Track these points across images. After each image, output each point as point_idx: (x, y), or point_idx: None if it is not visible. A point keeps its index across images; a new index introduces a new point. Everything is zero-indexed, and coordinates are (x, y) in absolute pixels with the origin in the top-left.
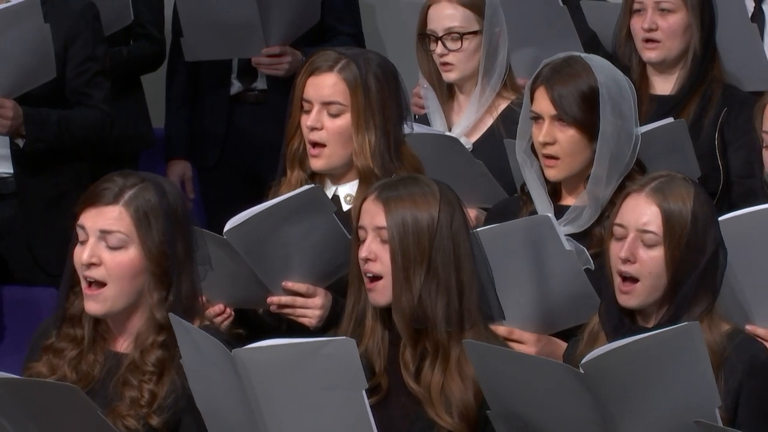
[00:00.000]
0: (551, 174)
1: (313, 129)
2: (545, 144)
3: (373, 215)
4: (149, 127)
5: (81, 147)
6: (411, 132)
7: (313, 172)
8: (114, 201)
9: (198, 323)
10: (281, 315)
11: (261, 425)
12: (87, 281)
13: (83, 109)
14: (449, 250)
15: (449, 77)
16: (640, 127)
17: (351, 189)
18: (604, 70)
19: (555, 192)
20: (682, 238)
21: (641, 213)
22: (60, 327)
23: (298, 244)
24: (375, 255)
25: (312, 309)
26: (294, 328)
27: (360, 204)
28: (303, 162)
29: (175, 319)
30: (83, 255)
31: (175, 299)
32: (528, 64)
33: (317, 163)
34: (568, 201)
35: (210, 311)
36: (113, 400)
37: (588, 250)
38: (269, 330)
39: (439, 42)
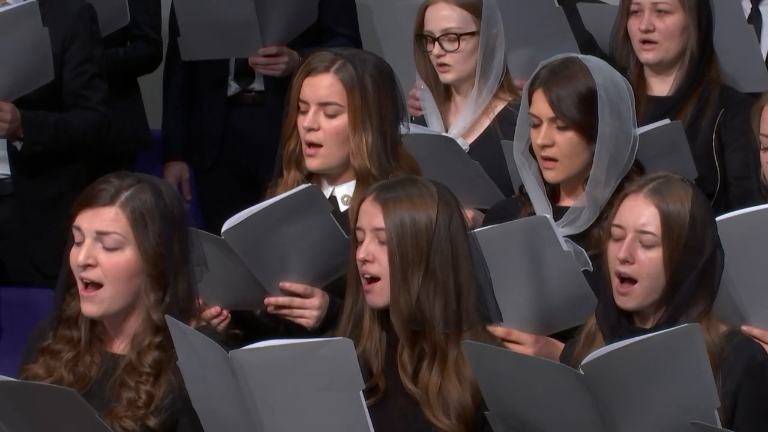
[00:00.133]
0: (550, 176)
1: (310, 130)
2: (544, 146)
3: (372, 216)
4: (146, 129)
5: (78, 149)
6: (407, 132)
7: (310, 173)
8: (110, 202)
9: (194, 324)
10: (279, 316)
11: (258, 426)
12: (83, 282)
13: (81, 111)
14: (447, 251)
15: (446, 78)
16: (637, 128)
17: (348, 190)
18: (601, 71)
19: (553, 193)
20: (680, 239)
21: (639, 214)
22: (56, 328)
23: (295, 244)
24: (373, 256)
25: (309, 309)
26: (292, 329)
27: (358, 205)
28: (299, 163)
29: (172, 321)
30: (79, 256)
31: (172, 300)
32: (524, 65)
33: (313, 163)
34: (566, 202)
35: (207, 313)
36: (110, 401)
37: (586, 251)
38: (267, 331)
39: (436, 43)
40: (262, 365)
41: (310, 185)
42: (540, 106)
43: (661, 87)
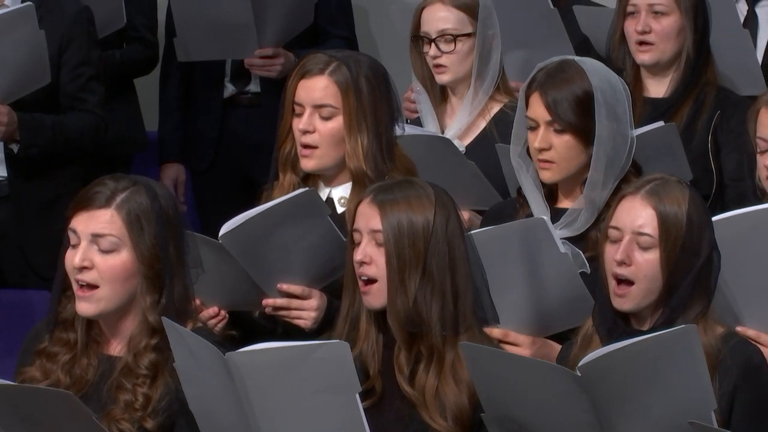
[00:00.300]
0: (546, 176)
1: (305, 132)
2: (541, 150)
3: (369, 218)
4: (142, 131)
5: (75, 151)
6: (403, 133)
7: (306, 175)
8: (106, 204)
9: (190, 326)
10: (277, 317)
11: (254, 429)
12: (79, 284)
13: (77, 114)
14: (444, 253)
15: (442, 79)
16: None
17: (345, 191)
18: (598, 73)
19: (551, 195)
20: (677, 240)
21: (637, 215)
22: (53, 331)
23: (293, 247)
24: (370, 258)
25: (307, 311)
26: (290, 330)
27: (355, 207)
28: (295, 165)
29: (168, 323)
30: (75, 258)
31: (168, 302)
32: (519, 66)
33: (309, 164)
34: (564, 204)
35: (204, 314)
36: (107, 404)
37: (584, 253)
38: (264, 332)
39: (433, 44)
40: (258, 367)
41: (307, 189)
42: (537, 109)
43: (658, 89)
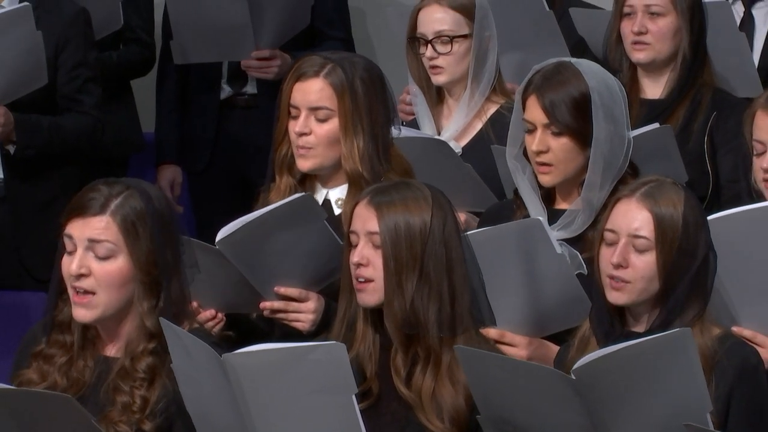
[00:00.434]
0: (545, 180)
1: (302, 134)
2: (539, 152)
3: (366, 220)
4: (139, 132)
5: (72, 153)
6: (399, 135)
7: (303, 177)
8: (101, 211)
9: (187, 326)
10: (274, 320)
11: (251, 430)
12: (76, 290)
13: (74, 115)
14: (441, 255)
15: (438, 80)
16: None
17: (342, 193)
18: (594, 74)
19: (549, 196)
20: (673, 242)
21: (633, 218)
22: (49, 333)
23: (290, 251)
24: (367, 260)
25: (305, 313)
26: (288, 332)
27: (351, 208)
28: (292, 167)
29: (166, 323)
30: (72, 266)
31: (165, 305)
32: (515, 68)
33: (305, 164)
34: (562, 205)
35: (201, 316)
36: (105, 406)
37: (581, 254)
38: (262, 335)
39: (429, 45)
40: (254, 369)
41: (303, 194)
42: (534, 112)
43: (654, 90)
